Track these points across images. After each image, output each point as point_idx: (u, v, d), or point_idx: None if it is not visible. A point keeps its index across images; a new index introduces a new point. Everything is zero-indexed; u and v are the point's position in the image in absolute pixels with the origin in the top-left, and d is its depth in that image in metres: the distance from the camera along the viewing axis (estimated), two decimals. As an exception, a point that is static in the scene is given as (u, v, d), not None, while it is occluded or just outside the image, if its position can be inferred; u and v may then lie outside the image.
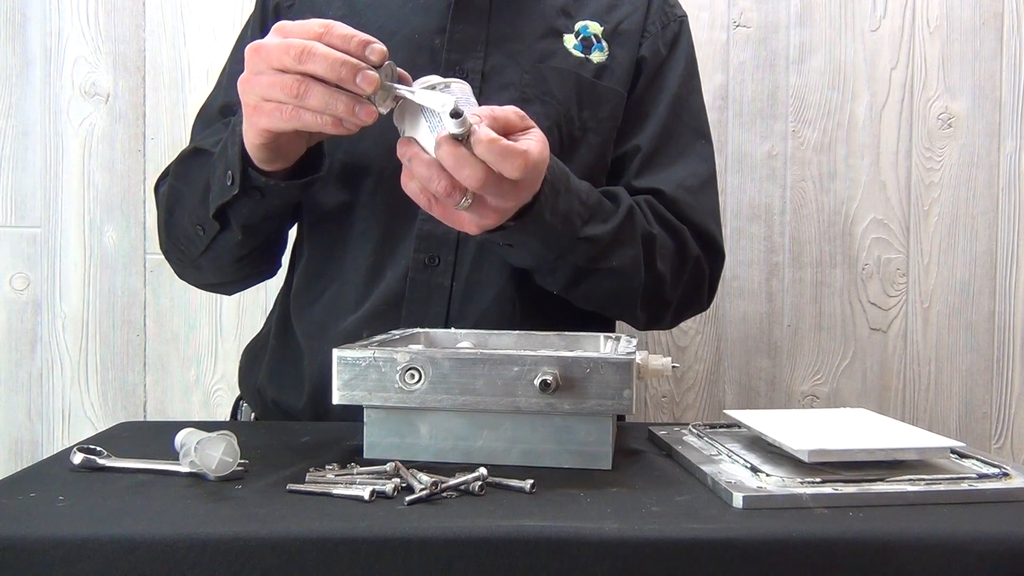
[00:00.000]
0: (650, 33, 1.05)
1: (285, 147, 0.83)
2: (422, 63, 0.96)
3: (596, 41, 1.02)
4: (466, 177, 0.71)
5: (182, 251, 1.00)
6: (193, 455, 0.64)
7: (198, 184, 0.93)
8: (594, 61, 1.02)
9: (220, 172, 0.87)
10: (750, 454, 0.71)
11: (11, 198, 1.46)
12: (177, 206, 0.97)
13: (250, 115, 0.78)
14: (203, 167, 0.92)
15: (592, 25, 1.03)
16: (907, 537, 0.55)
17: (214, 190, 0.89)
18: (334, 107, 0.72)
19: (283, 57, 0.71)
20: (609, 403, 0.68)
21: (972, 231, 1.51)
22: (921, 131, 1.50)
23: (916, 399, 1.53)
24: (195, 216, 0.93)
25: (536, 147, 0.74)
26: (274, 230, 1.01)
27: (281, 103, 0.73)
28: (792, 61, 1.49)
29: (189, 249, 0.98)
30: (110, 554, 0.52)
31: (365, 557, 0.53)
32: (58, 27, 1.45)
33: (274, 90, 0.73)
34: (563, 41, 1.01)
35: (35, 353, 1.47)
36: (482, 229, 0.79)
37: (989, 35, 1.50)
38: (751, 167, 1.50)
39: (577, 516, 0.58)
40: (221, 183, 0.87)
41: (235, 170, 0.85)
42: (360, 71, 0.71)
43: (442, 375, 0.69)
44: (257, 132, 0.79)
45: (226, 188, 0.86)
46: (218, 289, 1.18)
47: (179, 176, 0.98)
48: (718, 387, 1.53)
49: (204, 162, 0.92)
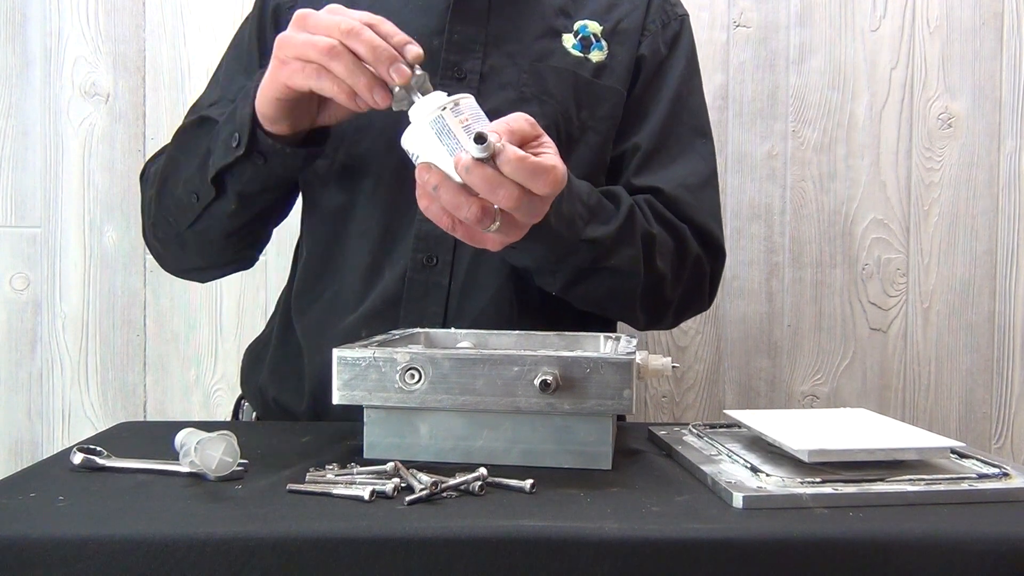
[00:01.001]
0: (650, 32, 1.05)
1: (296, 110, 0.84)
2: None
3: (595, 40, 1.02)
4: (502, 198, 0.70)
5: (170, 223, 0.98)
6: (193, 455, 0.64)
7: (198, 151, 0.92)
8: (593, 60, 1.02)
9: (226, 135, 0.88)
10: (750, 454, 0.71)
11: (11, 198, 1.46)
12: (172, 175, 0.96)
13: (276, 69, 0.80)
14: (207, 135, 0.92)
15: (591, 24, 1.03)
16: (907, 537, 0.55)
17: (216, 153, 0.89)
18: (356, 79, 0.75)
19: (331, 28, 0.75)
20: (609, 403, 0.68)
21: (972, 231, 1.51)
22: (921, 131, 1.50)
23: (916, 399, 1.53)
24: (191, 183, 0.93)
25: (558, 160, 0.73)
26: (267, 208, 0.99)
27: (308, 61, 0.76)
28: (792, 61, 1.49)
29: (179, 220, 0.97)
30: (110, 554, 0.52)
31: (365, 557, 0.53)
32: (58, 27, 1.45)
33: (308, 48, 0.76)
34: (562, 40, 1.01)
35: (35, 353, 1.47)
36: (504, 245, 0.78)
37: (989, 35, 1.50)
38: (751, 167, 1.50)
39: (577, 516, 0.58)
40: (226, 144, 0.87)
41: (244, 131, 0.85)
42: (396, 62, 0.74)
43: (442, 375, 0.69)
44: (277, 86, 0.80)
45: (231, 149, 0.87)
46: (196, 275, 1.15)
47: (179, 145, 0.97)
48: (718, 387, 1.52)
49: (208, 130, 0.93)
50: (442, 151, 0.71)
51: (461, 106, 0.73)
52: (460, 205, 0.71)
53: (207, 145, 0.91)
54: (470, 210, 0.71)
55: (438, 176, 0.71)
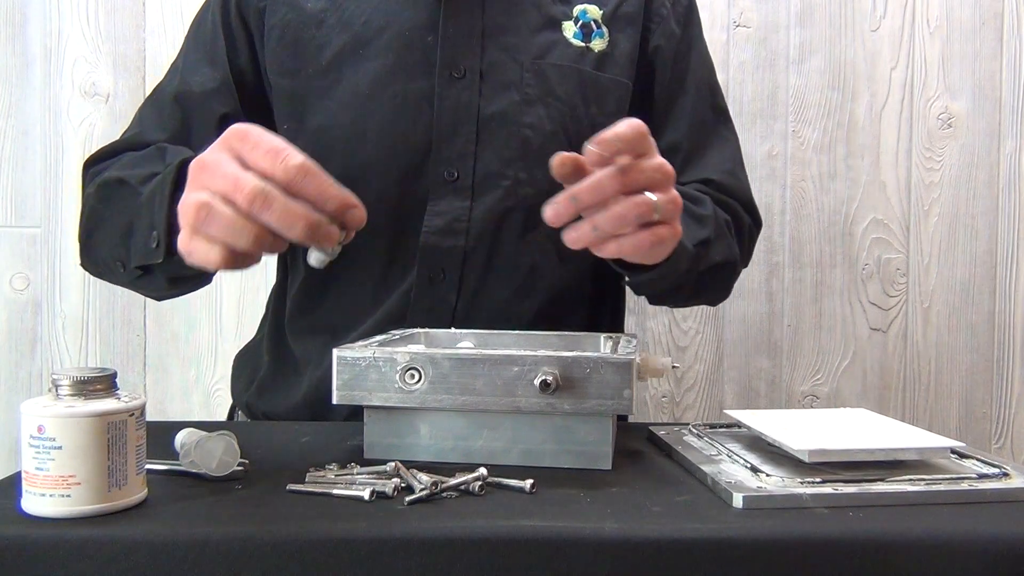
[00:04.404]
0: (660, 16, 1.01)
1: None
2: (414, 62, 0.93)
3: (596, 27, 0.98)
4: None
5: (101, 273, 0.92)
6: (193, 455, 0.64)
7: (119, 220, 0.82)
8: (595, 50, 0.97)
9: (144, 227, 0.77)
10: (750, 454, 0.71)
11: (11, 198, 1.46)
12: (97, 231, 0.88)
13: (183, 241, 0.63)
14: (126, 202, 0.81)
15: (591, 9, 0.98)
16: (907, 537, 0.55)
17: (136, 243, 0.78)
18: (264, 245, 0.60)
19: (234, 193, 0.59)
20: (609, 403, 0.68)
21: (972, 231, 1.51)
22: (921, 131, 1.50)
23: (916, 399, 1.53)
24: (115, 253, 0.84)
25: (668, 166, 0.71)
26: (205, 276, 0.87)
27: (212, 239, 0.61)
28: (792, 61, 1.49)
29: (108, 276, 0.90)
30: (110, 554, 0.52)
31: (365, 557, 0.53)
32: (58, 27, 1.45)
33: (212, 225, 0.60)
34: (562, 30, 0.97)
35: (35, 353, 1.47)
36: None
37: (989, 35, 1.50)
38: (751, 167, 1.49)
39: (577, 516, 0.58)
40: (145, 242, 0.76)
41: (161, 234, 0.74)
42: (324, 228, 0.60)
43: (442, 375, 0.69)
44: (184, 249, 0.64)
45: (151, 250, 0.76)
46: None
47: (102, 199, 0.87)
48: (718, 387, 1.52)
49: (128, 197, 0.81)
50: None
51: None
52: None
53: (129, 217, 0.81)
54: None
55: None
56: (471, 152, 0.93)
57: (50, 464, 0.56)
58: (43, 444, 0.56)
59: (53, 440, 0.56)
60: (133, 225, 0.80)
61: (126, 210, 0.81)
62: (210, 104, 0.96)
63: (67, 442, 0.56)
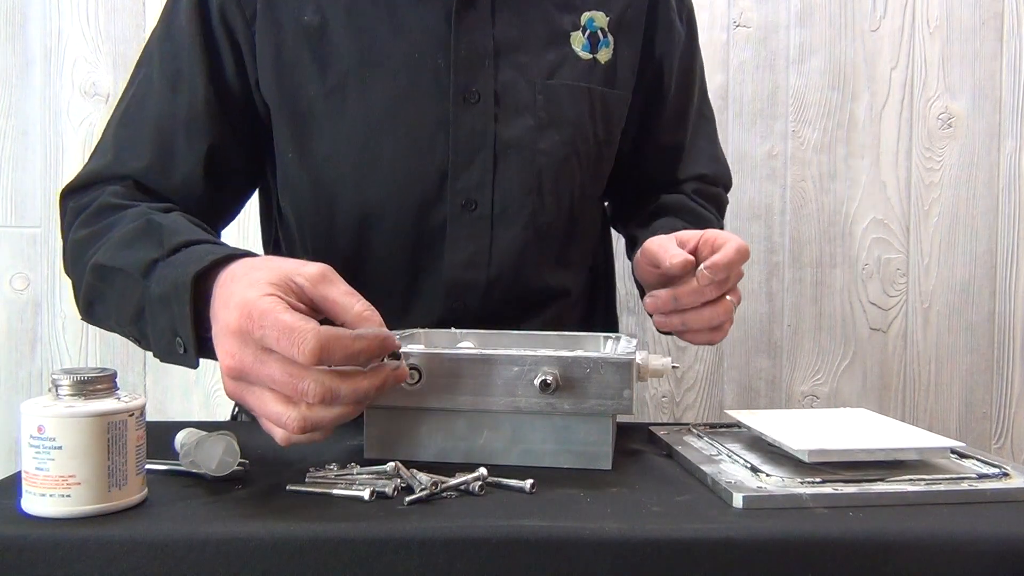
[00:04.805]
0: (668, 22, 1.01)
1: None
2: (426, 85, 0.89)
3: (603, 36, 0.97)
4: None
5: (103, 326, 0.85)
6: (193, 455, 0.64)
7: (124, 306, 0.76)
8: (601, 61, 0.96)
9: (164, 329, 0.70)
10: (750, 454, 0.71)
11: (11, 198, 1.46)
12: (98, 304, 0.81)
13: (230, 389, 0.63)
14: (130, 290, 0.75)
15: (598, 17, 0.96)
16: (907, 537, 0.55)
17: (158, 341, 0.72)
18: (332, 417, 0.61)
19: (297, 396, 0.59)
20: (609, 403, 0.68)
21: (972, 231, 1.51)
22: (921, 131, 1.50)
23: (916, 399, 1.53)
24: (126, 330, 0.78)
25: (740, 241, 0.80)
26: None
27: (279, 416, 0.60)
28: (792, 61, 1.49)
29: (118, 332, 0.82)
30: (110, 554, 0.52)
31: (365, 557, 0.53)
32: (58, 27, 1.45)
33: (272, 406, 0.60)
34: (571, 43, 0.95)
35: (35, 353, 1.47)
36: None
37: (989, 35, 1.50)
38: (751, 167, 1.50)
39: (577, 516, 0.58)
40: (169, 345, 0.70)
41: (189, 345, 0.68)
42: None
43: (442, 375, 0.69)
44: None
45: (179, 355, 0.70)
46: None
47: (100, 278, 0.78)
48: (718, 387, 1.52)
49: (130, 285, 0.74)
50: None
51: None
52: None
53: (136, 305, 0.74)
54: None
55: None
56: (489, 181, 0.91)
57: (50, 464, 0.56)
58: (43, 444, 0.56)
59: (53, 440, 0.56)
60: (144, 314, 0.73)
61: (131, 296, 0.75)
62: (194, 133, 0.89)
63: (67, 442, 0.56)
